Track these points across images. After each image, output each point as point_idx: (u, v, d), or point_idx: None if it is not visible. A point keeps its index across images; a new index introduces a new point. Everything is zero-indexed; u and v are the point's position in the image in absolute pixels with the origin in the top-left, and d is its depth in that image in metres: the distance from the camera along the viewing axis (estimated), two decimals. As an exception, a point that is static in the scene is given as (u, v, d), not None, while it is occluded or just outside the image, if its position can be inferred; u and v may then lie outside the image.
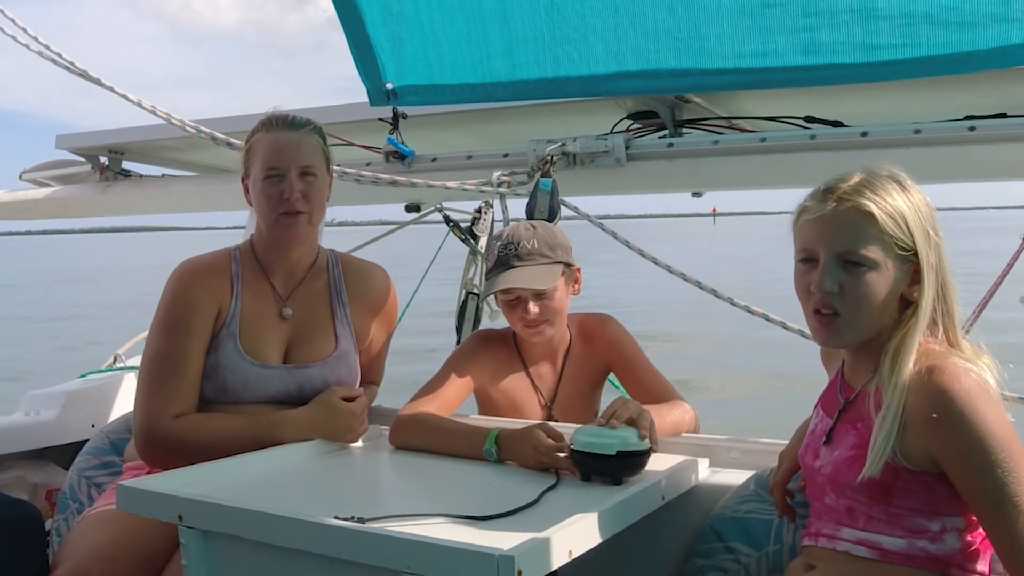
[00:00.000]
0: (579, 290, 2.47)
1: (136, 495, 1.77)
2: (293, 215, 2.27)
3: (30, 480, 3.15)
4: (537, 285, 2.32)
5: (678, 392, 2.35)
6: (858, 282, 1.57)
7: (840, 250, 1.58)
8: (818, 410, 1.77)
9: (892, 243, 1.56)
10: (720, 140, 2.76)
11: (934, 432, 1.49)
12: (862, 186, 1.58)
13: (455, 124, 3.37)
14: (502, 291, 2.37)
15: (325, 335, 2.37)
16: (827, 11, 2.17)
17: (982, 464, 1.46)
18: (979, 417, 1.46)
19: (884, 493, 1.55)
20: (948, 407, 1.47)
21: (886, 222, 1.56)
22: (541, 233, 2.40)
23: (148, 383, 2.24)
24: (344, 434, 2.24)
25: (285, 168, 2.26)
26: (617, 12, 2.37)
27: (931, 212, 1.60)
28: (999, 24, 2.04)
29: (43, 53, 2.80)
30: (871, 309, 1.58)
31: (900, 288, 1.59)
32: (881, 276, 1.57)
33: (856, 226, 1.57)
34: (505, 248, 2.37)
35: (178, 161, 4.13)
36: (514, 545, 1.38)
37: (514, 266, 2.34)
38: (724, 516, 1.96)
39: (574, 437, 1.87)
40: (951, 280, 1.61)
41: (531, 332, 2.38)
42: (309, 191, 2.28)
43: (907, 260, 1.58)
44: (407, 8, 2.58)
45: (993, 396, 1.51)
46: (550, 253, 2.37)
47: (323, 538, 1.51)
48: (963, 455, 1.47)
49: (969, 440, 1.46)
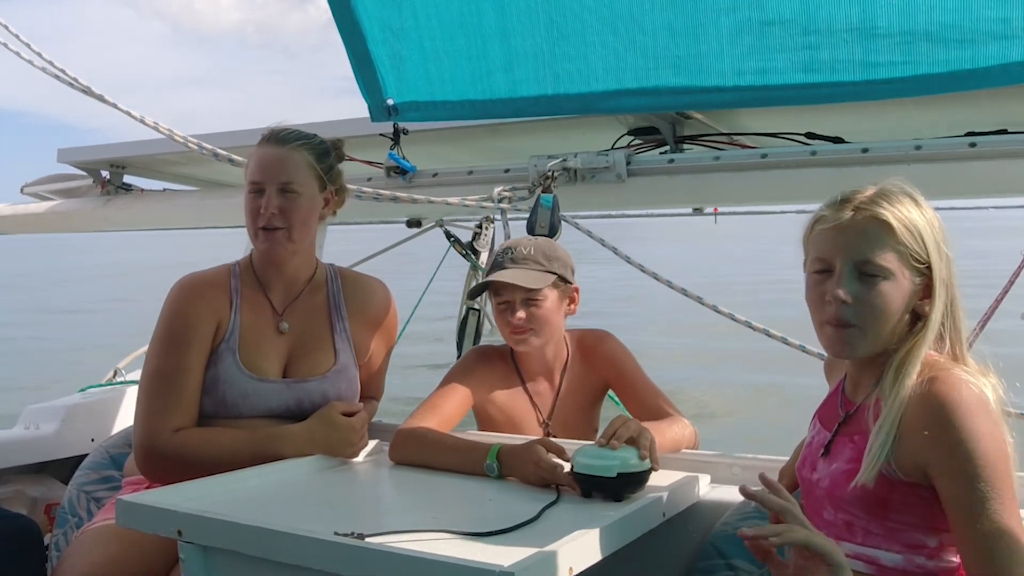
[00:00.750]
0: (575, 310, 2.48)
1: (135, 510, 1.77)
2: (270, 231, 2.27)
3: (29, 494, 3.14)
4: (522, 282, 2.33)
5: (676, 408, 2.35)
6: (873, 292, 1.57)
7: (857, 259, 1.58)
8: (815, 423, 1.77)
9: (908, 254, 1.57)
10: (721, 156, 2.77)
11: (926, 441, 1.49)
12: (879, 197, 1.59)
13: (456, 140, 3.38)
14: (493, 293, 2.40)
15: (324, 349, 2.37)
16: (827, 29, 2.17)
17: (966, 474, 1.45)
18: (971, 428, 1.46)
19: (881, 507, 1.55)
20: (943, 416, 1.47)
21: (903, 233, 1.56)
22: (540, 244, 2.44)
23: (148, 398, 2.24)
24: (344, 449, 2.24)
25: (264, 182, 2.27)
26: (616, 31, 2.37)
27: (942, 228, 1.61)
28: (999, 41, 2.04)
29: (47, 69, 2.81)
30: (885, 320, 1.58)
31: (912, 301, 1.59)
32: (896, 287, 1.57)
33: (873, 235, 1.57)
34: (502, 253, 2.42)
35: (180, 175, 4.14)
36: (514, 561, 1.38)
37: (506, 267, 2.37)
38: (725, 533, 1.96)
39: (575, 459, 1.87)
40: (959, 296, 1.61)
41: (516, 338, 2.39)
42: (288, 207, 2.27)
43: (920, 273, 1.58)
44: (408, 25, 2.59)
45: (991, 412, 1.50)
46: (545, 262, 2.39)
47: (323, 554, 1.51)
48: (950, 463, 1.47)
49: (958, 450, 1.46)
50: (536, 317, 2.37)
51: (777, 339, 2.70)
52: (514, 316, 2.36)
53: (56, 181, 4.08)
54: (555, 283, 2.39)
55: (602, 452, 1.85)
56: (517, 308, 2.36)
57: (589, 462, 1.84)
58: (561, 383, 2.50)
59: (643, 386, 2.41)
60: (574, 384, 2.50)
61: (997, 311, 2.62)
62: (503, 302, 2.39)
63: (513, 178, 2.95)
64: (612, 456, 1.83)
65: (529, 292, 2.35)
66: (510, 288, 2.36)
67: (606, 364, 2.48)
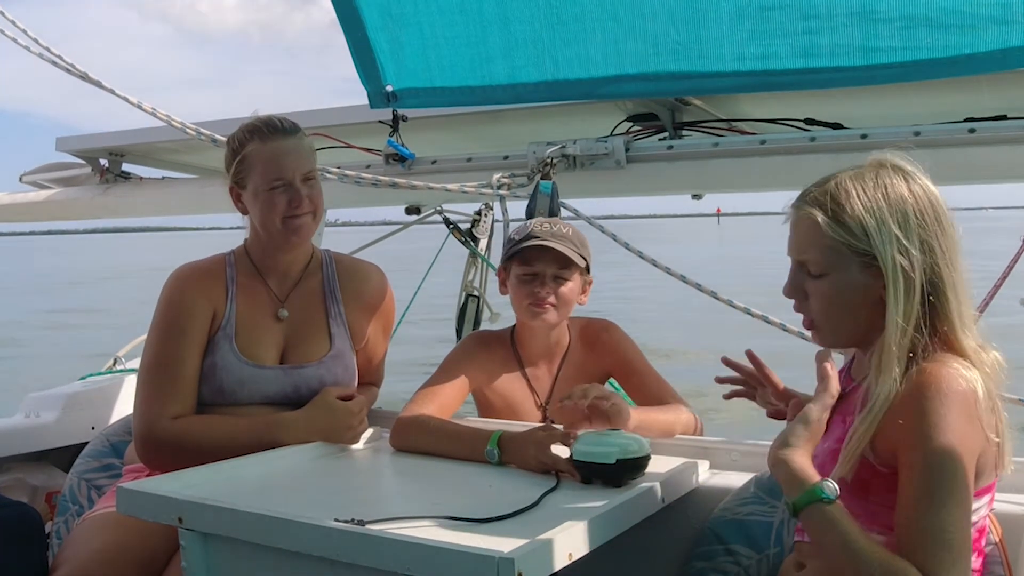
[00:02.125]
0: (585, 301, 2.48)
1: (136, 497, 1.77)
2: (297, 218, 2.29)
3: (30, 482, 3.15)
4: (568, 253, 2.34)
5: (680, 397, 2.35)
6: (816, 289, 1.57)
7: (795, 257, 1.59)
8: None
9: (844, 248, 1.53)
10: (720, 142, 2.76)
11: (900, 429, 1.47)
12: (821, 191, 1.56)
13: (455, 126, 3.37)
14: (527, 258, 2.37)
15: (320, 335, 2.38)
16: (826, 14, 2.17)
17: (919, 465, 1.43)
18: (939, 423, 1.43)
19: (863, 489, 1.54)
20: (919, 407, 1.45)
21: (832, 227, 1.52)
22: (576, 231, 2.45)
23: (146, 386, 2.26)
24: (343, 433, 2.24)
25: (290, 177, 2.27)
26: (616, 16, 2.37)
27: (920, 210, 1.52)
28: (998, 26, 2.04)
29: (44, 55, 2.81)
30: (839, 315, 1.57)
31: (875, 292, 1.53)
32: (841, 281, 1.54)
33: (804, 233, 1.57)
34: (542, 225, 2.41)
35: (178, 163, 4.13)
36: (514, 547, 1.38)
37: (547, 240, 2.36)
38: (724, 518, 1.96)
39: (574, 446, 1.87)
40: (948, 280, 1.51)
41: (535, 311, 2.38)
42: (313, 194, 2.31)
43: (871, 264, 1.52)
44: (407, 11, 2.58)
45: (970, 410, 1.46)
46: (580, 248, 2.40)
47: (323, 540, 1.51)
48: (909, 453, 1.45)
49: (920, 439, 1.43)
50: (560, 295, 2.38)
51: (776, 326, 2.70)
52: (543, 288, 2.36)
53: (55, 170, 4.08)
54: (582, 270, 2.42)
55: (601, 439, 1.85)
56: (547, 281, 2.37)
57: (588, 449, 1.84)
58: (560, 368, 2.50)
59: (647, 375, 2.42)
60: (573, 370, 2.50)
61: (996, 296, 2.61)
62: (531, 273, 2.38)
63: (512, 165, 2.95)
64: (611, 443, 1.84)
65: (561, 269, 2.36)
66: (545, 259, 2.36)
67: (610, 353, 2.48)
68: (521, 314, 2.44)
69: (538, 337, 2.47)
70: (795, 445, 1.51)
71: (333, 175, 2.87)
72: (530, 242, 2.36)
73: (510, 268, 2.43)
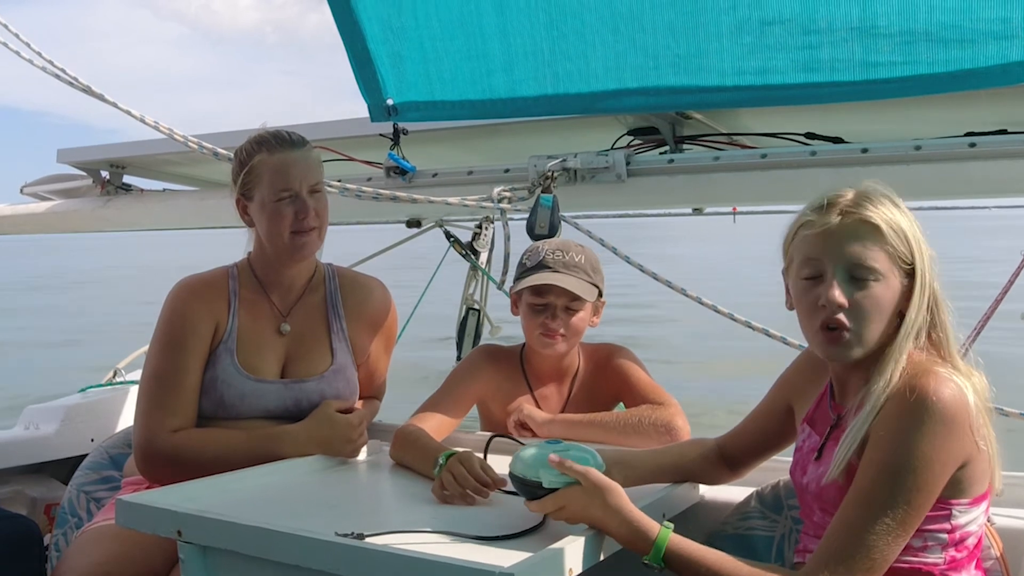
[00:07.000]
0: (597, 323, 2.47)
1: (135, 510, 1.77)
2: (306, 232, 2.29)
3: (29, 495, 3.14)
4: (578, 291, 2.33)
5: (675, 401, 2.34)
6: (866, 295, 1.57)
7: (849, 262, 1.58)
8: (803, 427, 1.77)
9: (896, 256, 1.58)
10: (721, 156, 2.76)
11: (879, 426, 1.49)
12: (863, 199, 1.60)
13: (456, 140, 3.38)
14: (539, 290, 2.36)
15: (321, 349, 2.37)
16: (827, 29, 2.17)
17: (879, 465, 1.46)
18: (916, 431, 1.46)
19: None
20: (903, 411, 1.48)
21: (891, 235, 1.57)
22: (589, 255, 2.44)
23: (147, 399, 2.26)
24: (343, 446, 2.24)
25: (297, 188, 2.28)
26: (617, 30, 2.37)
27: (920, 229, 1.62)
28: (999, 42, 2.04)
29: (47, 69, 2.81)
30: (877, 322, 1.58)
31: (900, 302, 1.59)
32: (886, 289, 1.57)
33: (864, 238, 1.57)
34: (554, 253, 2.39)
35: (179, 175, 4.13)
36: (514, 563, 1.38)
37: (559, 271, 2.35)
38: (725, 533, 1.96)
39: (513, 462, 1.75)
40: (942, 295, 1.62)
41: (547, 341, 2.38)
42: (319, 207, 2.32)
43: (907, 274, 1.59)
44: (408, 25, 2.59)
45: (955, 423, 1.48)
46: (592, 275, 2.39)
47: (323, 554, 1.50)
48: (875, 452, 1.48)
49: (891, 441, 1.46)
50: (570, 325, 2.37)
51: (777, 339, 2.70)
52: (553, 320, 2.36)
53: (56, 181, 4.08)
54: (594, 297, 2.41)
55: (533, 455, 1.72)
56: (558, 313, 2.36)
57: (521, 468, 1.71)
58: (571, 391, 2.49)
59: (649, 389, 2.40)
60: (583, 394, 2.48)
61: (996, 312, 2.61)
62: (542, 304, 2.37)
63: (513, 178, 2.94)
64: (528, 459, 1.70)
65: (573, 301, 2.35)
66: (557, 292, 2.35)
67: (618, 377, 2.46)
68: (532, 342, 2.44)
69: (548, 361, 2.47)
70: (605, 498, 1.60)
71: (334, 188, 2.87)
72: (543, 274, 2.35)
73: (522, 295, 2.42)
